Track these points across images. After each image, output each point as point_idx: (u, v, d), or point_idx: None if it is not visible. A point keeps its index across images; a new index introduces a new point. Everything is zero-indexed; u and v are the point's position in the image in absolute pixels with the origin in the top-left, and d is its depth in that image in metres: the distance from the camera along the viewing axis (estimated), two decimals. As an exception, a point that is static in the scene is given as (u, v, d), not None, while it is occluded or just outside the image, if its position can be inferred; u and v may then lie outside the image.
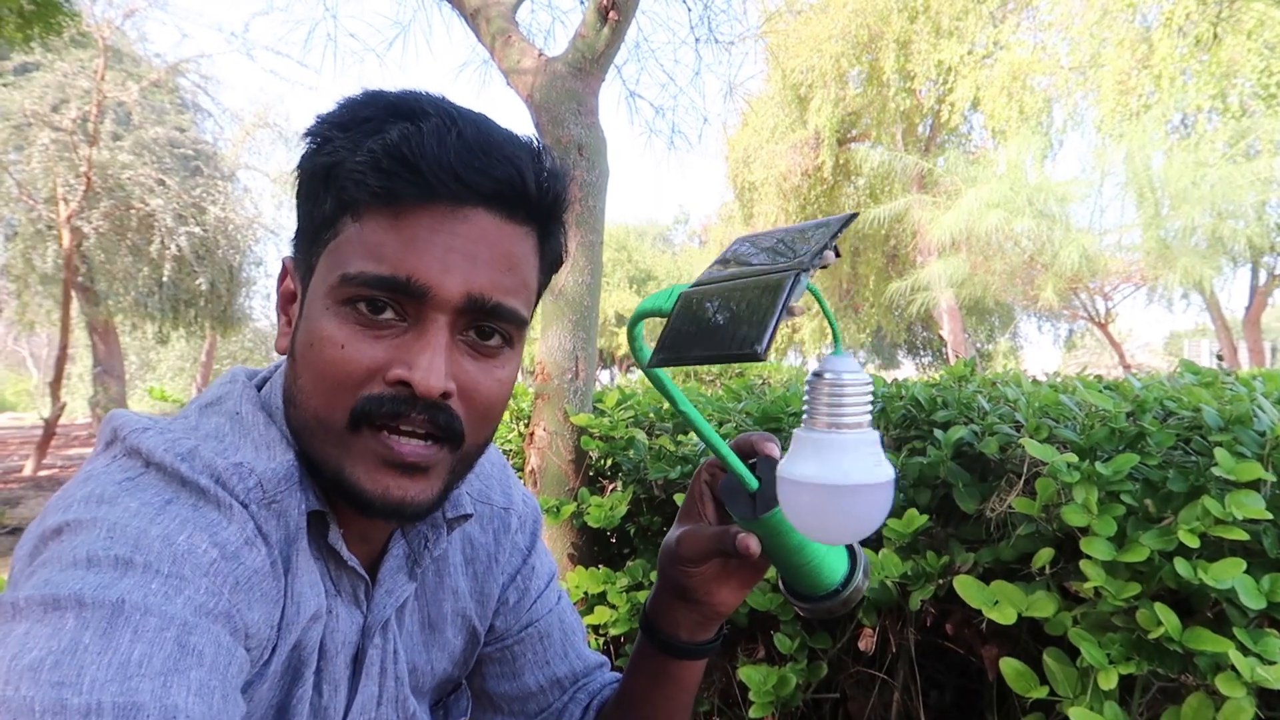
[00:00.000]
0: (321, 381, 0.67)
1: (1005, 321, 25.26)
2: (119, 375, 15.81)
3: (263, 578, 0.65)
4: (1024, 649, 1.54)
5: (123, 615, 0.53)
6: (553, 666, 0.97)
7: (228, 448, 0.69)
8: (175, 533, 0.60)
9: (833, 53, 17.75)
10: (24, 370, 42.19)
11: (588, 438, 2.33)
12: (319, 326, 0.67)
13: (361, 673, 0.78)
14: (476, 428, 0.71)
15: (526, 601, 0.97)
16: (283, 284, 0.77)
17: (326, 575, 0.75)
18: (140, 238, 14.07)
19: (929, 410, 1.75)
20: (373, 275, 0.65)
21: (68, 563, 0.56)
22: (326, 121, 0.69)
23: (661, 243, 42.91)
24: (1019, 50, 16.52)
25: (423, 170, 0.64)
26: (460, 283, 0.66)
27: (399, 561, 0.81)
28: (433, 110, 0.67)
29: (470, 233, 0.66)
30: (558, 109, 2.49)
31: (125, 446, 0.67)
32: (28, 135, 12.59)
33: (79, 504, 0.61)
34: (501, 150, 0.67)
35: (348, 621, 0.76)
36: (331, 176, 0.67)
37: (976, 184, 15.61)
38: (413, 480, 0.68)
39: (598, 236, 2.48)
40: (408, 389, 0.65)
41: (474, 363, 0.70)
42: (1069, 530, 1.38)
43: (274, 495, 0.68)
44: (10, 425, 25.54)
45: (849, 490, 0.60)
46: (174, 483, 0.64)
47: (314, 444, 0.69)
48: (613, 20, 2.49)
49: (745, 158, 20.54)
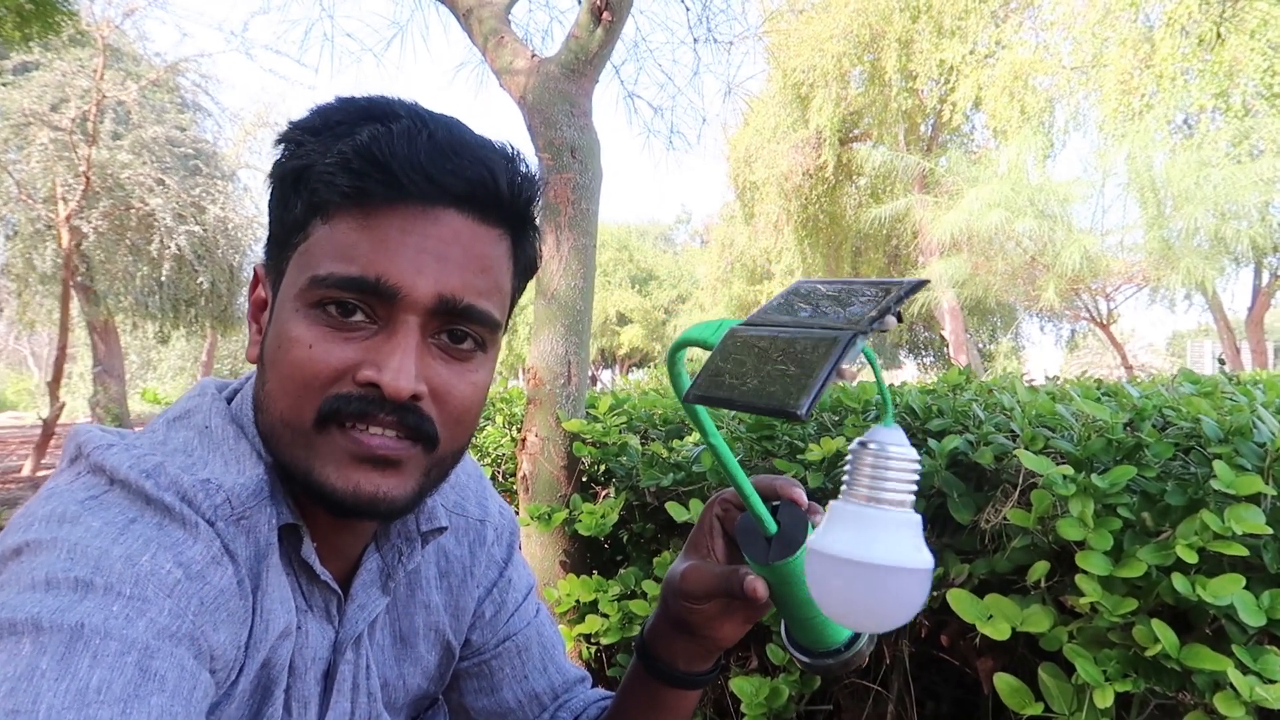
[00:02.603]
0: (289, 383, 0.66)
1: (1007, 322, 25.24)
2: (119, 375, 15.82)
3: (229, 597, 0.63)
4: (1020, 661, 1.52)
5: (81, 639, 0.51)
6: (531, 681, 0.95)
7: (196, 463, 0.68)
8: (138, 553, 0.58)
9: (834, 52, 17.71)
10: (25, 369, 42.24)
11: (580, 444, 2.30)
12: (287, 329, 0.66)
13: (333, 689, 0.76)
14: (451, 432, 0.70)
15: (504, 615, 0.95)
16: (254, 292, 0.75)
17: (298, 590, 0.73)
18: (140, 237, 14.07)
19: (924, 418, 1.73)
20: (342, 276, 0.64)
21: (26, 585, 0.54)
22: (298, 127, 0.69)
23: (663, 242, 42.93)
24: (1021, 50, 16.49)
25: (393, 169, 0.63)
26: (432, 283, 0.65)
27: (372, 575, 0.79)
28: (404, 113, 0.66)
29: (442, 234, 0.65)
30: (550, 110, 2.47)
31: (89, 463, 0.65)
32: (27, 135, 12.59)
33: (40, 523, 0.60)
34: (473, 152, 0.66)
35: (318, 637, 0.75)
36: (302, 179, 0.66)
37: (978, 184, 15.59)
38: (384, 475, 0.67)
39: (591, 239, 2.45)
40: (376, 390, 0.64)
41: (446, 366, 0.68)
42: (1065, 543, 1.35)
43: (243, 511, 0.66)
44: (10, 425, 25.56)
45: (882, 571, 0.56)
46: (138, 501, 0.62)
47: (282, 447, 0.68)
48: (606, 21, 2.46)
49: (747, 157, 20.52)
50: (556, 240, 2.41)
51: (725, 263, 23.99)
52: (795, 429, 1.93)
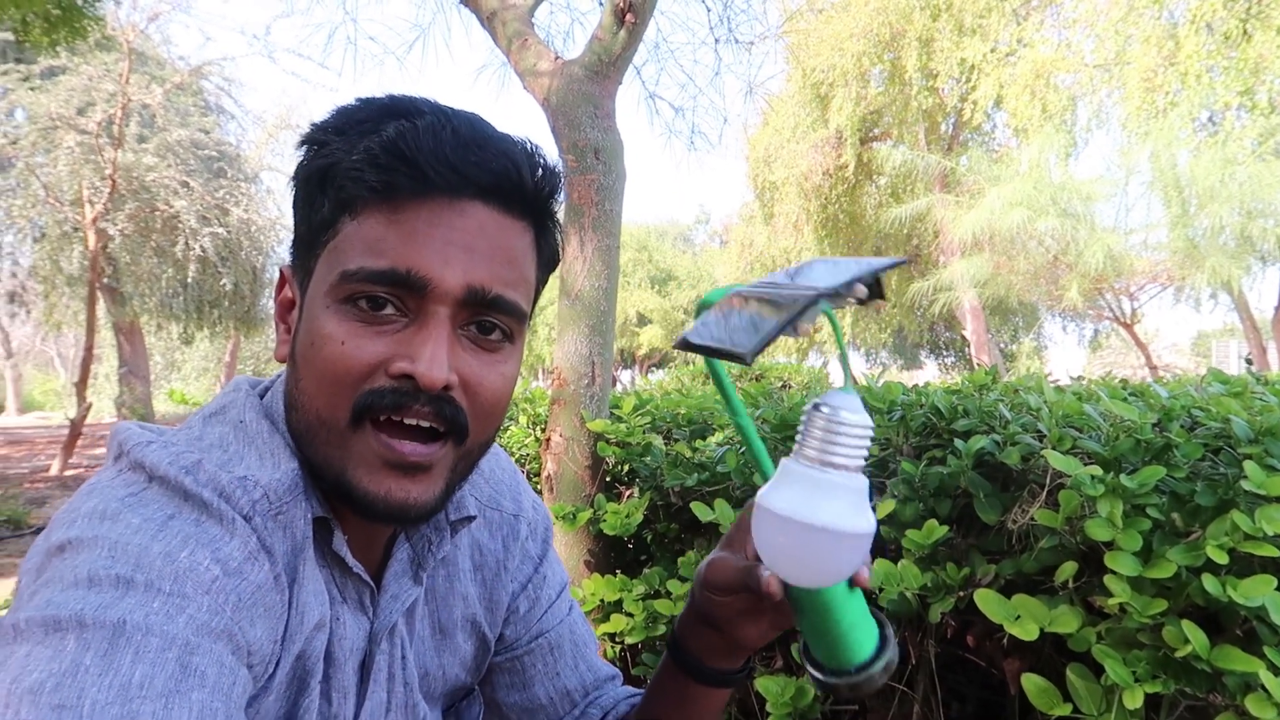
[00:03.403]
0: (323, 380, 0.67)
1: (1029, 322, 25.02)
2: (144, 375, 15.98)
3: (265, 593, 0.64)
4: (1047, 662, 1.51)
5: (124, 636, 0.52)
6: (563, 678, 0.96)
7: (232, 458, 0.69)
8: (177, 550, 0.59)
9: (854, 51, 17.63)
10: (52, 370, 42.73)
11: (604, 443, 2.31)
12: (319, 325, 0.67)
13: (369, 679, 0.78)
14: (480, 423, 0.71)
15: (537, 611, 0.96)
16: (280, 293, 0.77)
17: (331, 582, 0.74)
18: (165, 239, 14.22)
19: (949, 419, 1.72)
20: (373, 270, 0.65)
21: (69, 582, 0.56)
22: (322, 128, 0.70)
23: (682, 243, 42.89)
24: (1043, 48, 16.35)
25: (419, 163, 0.64)
26: (460, 275, 0.66)
27: (403, 566, 0.81)
28: (427, 109, 0.68)
29: (468, 225, 0.66)
30: (574, 112, 2.48)
31: (130, 460, 0.67)
32: (54, 138, 12.75)
33: (82, 520, 0.61)
34: (496, 145, 0.68)
35: (354, 628, 0.76)
36: (329, 178, 0.67)
37: (999, 183, 15.48)
38: (414, 481, 0.68)
39: (614, 240, 2.46)
40: (411, 382, 0.65)
41: (475, 358, 0.69)
42: (1093, 544, 1.35)
43: (280, 506, 0.68)
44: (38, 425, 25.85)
45: (823, 533, 0.58)
46: (177, 497, 0.64)
47: (316, 447, 0.69)
48: (629, 23, 2.47)
49: (766, 157, 20.46)
50: (580, 241, 2.42)
51: (745, 263, 23.92)
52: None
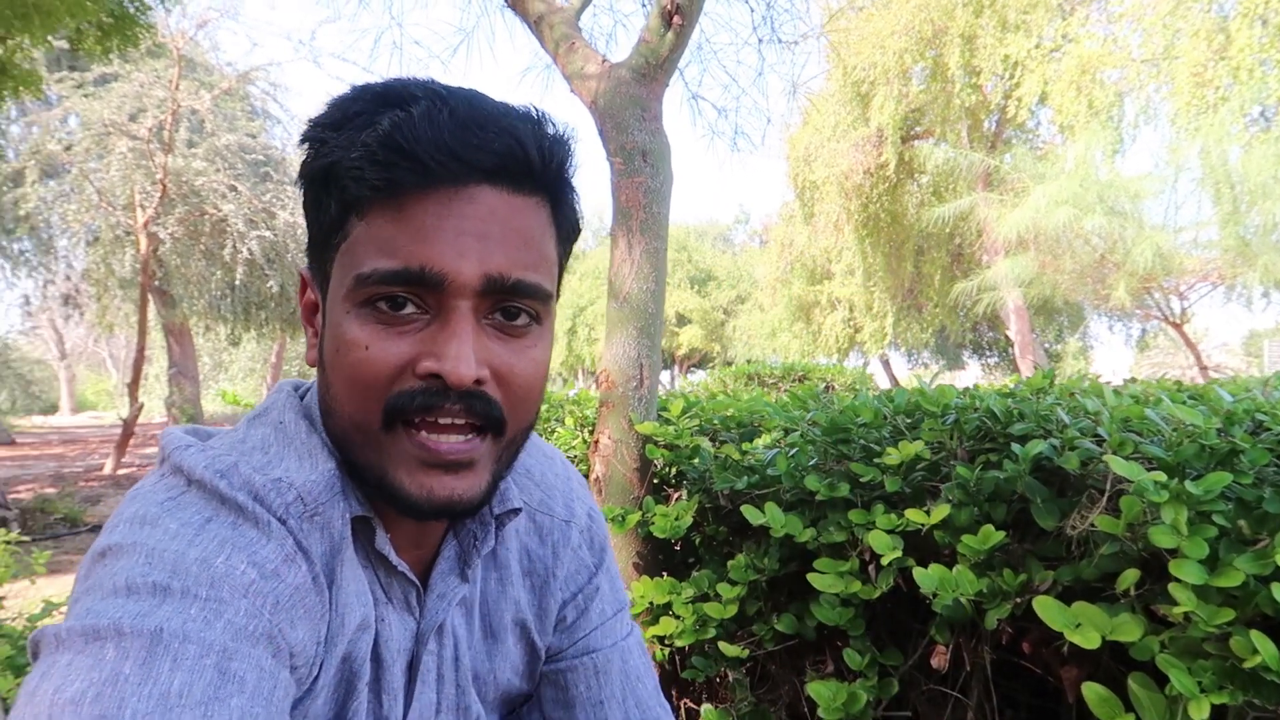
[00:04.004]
0: (352, 386, 0.66)
1: (1075, 321, 24.62)
2: (193, 376, 16.30)
3: (304, 594, 0.65)
4: (1106, 671, 1.49)
5: (161, 644, 0.53)
6: (606, 709, 0.88)
7: (271, 460, 0.69)
8: (213, 555, 0.60)
9: (896, 49, 17.47)
10: (104, 371, 43.69)
11: (652, 446, 2.32)
12: (341, 332, 0.66)
13: (417, 680, 0.77)
14: (516, 412, 0.70)
15: (585, 625, 0.92)
16: (304, 297, 0.76)
17: (376, 582, 0.74)
18: (213, 242, 14.49)
19: (1005, 422, 1.71)
20: (386, 271, 0.64)
21: (108, 590, 0.57)
22: (319, 124, 0.68)
23: (722, 242, 42.80)
24: (1088, 43, 16.08)
25: (419, 155, 0.62)
26: (476, 265, 0.64)
27: (450, 563, 0.79)
28: (421, 93, 0.65)
29: (478, 212, 0.64)
30: (622, 115, 2.49)
31: (170, 465, 0.68)
32: (107, 144, 13.05)
33: (124, 525, 0.62)
34: (498, 123, 0.65)
35: (400, 629, 0.75)
36: (331, 178, 0.66)
37: (1044, 181, 15.24)
38: (458, 477, 0.67)
39: (662, 243, 2.47)
40: (439, 381, 0.64)
41: (504, 345, 0.68)
42: (1156, 551, 1.33)
43: (315, 508, 0.68)
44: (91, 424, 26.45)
45: None
46: (214, 501, 0.64)
47: (354, 451, 0.68)
48: (676, 25, 2.47)
49: (806, 156, 20.34)
50: (628, 244, 2.42)
51: (784, 263, 23.81)
52: (871, 432, 1.91)
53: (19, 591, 3.91)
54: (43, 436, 22.20)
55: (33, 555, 3.11)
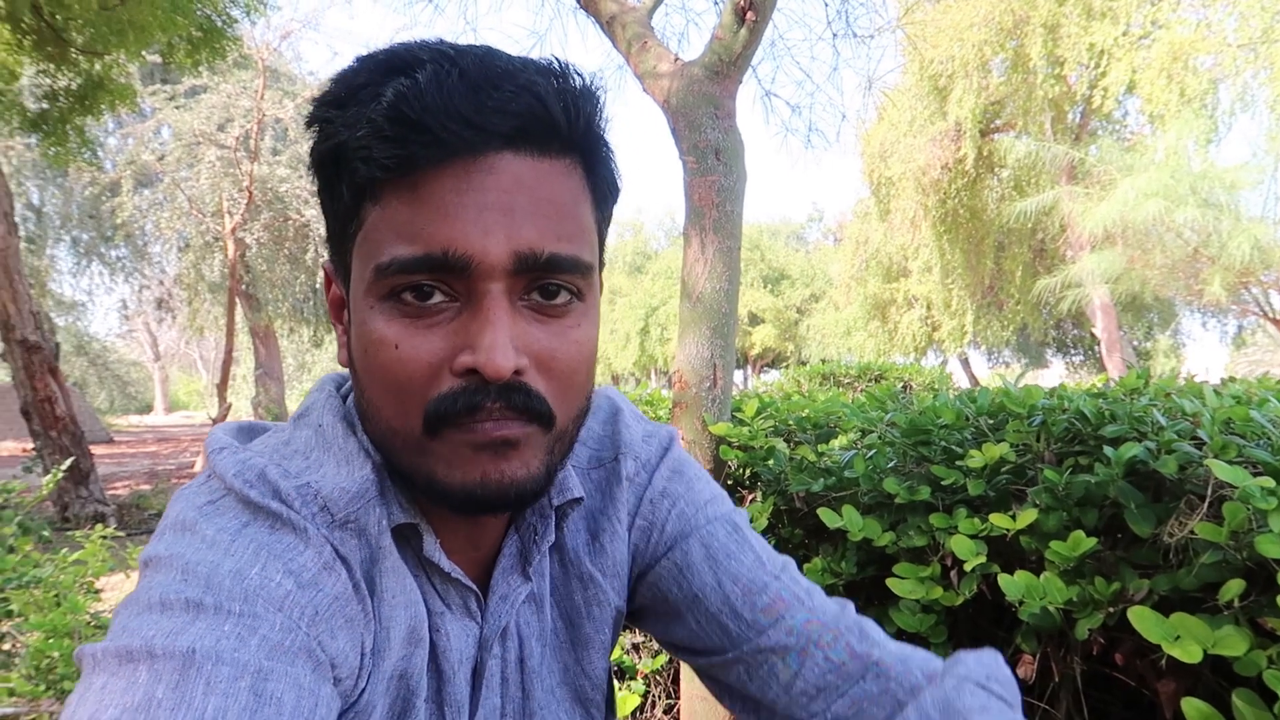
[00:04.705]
0: (386, 390, 0.61)
1: (1165, 318, 23.74)
2: (278, 376, 16.81)
3: (345, 603, 0.62)
4: (1205, 685, 1.42)
5: (194, 666, 0.51)
6: (705, 601, 0.78)
7: (311, 464, 0.66)
8: (247, 566, 0.58)
9: (975, 41, 17.08)
10: (195, 372, 45.40)
11: (726, 447, 2.29)
12: (368, 330, 0.61)
13: (481, 687, 0.73)
14: (563, 400, 0.63)
15: (657, 531, 0.82)
16: (330, 292, 0.71)
17: (431, 591, 0.70)
18: (296, 247, 14.93)
19: (1095, 424, 1.64)
20: (407, 258, 0.58)
21: (143, 605, 0.55)
22: (323, 102, 0.62)
23: (795, 241, 42.43)
24: (1180, 29, 15.48)
25: (429, 126, 0.56)
26: (504, 242, 0.58)
27: (512, 561, 0.74)
28: (428, 57, 0.58)
29: (501, 183, 0.58)
30: (695, 113, 2.47)
31: (210, 466, 0.66)
32: (197, 153, 13.57)
33: (167, 531, 0.61)
34: (514, 80, 0.58)
35: (461, 637, 0.71)
36: (340, 161, 0.60)
37: (1133, 173, 14.74)
38: (507, 460, 0.61)
39: (735, 242, 2.44)
40: (477, 376, 0.59)
41: (544, 328, 0.62)
42: (1262, 561, 1.25)
43: (345, 516, 0.64)
44: (183, 423, 27.50)
45: None
46: (249, 507, 0.62)
47: (398, 455, 0.64)
48: (750, 21, 2.44)
49: (882, 152, 20.04)
50: (701, 243, 2.40)
51: (859, 261, 23.49)
52: (953, 434, 1.86)
53: (115, 584, 4.08)
54: (139, 435, 23.20)
55: (128, 550, 3.24)
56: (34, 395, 7.88)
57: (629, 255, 41.34)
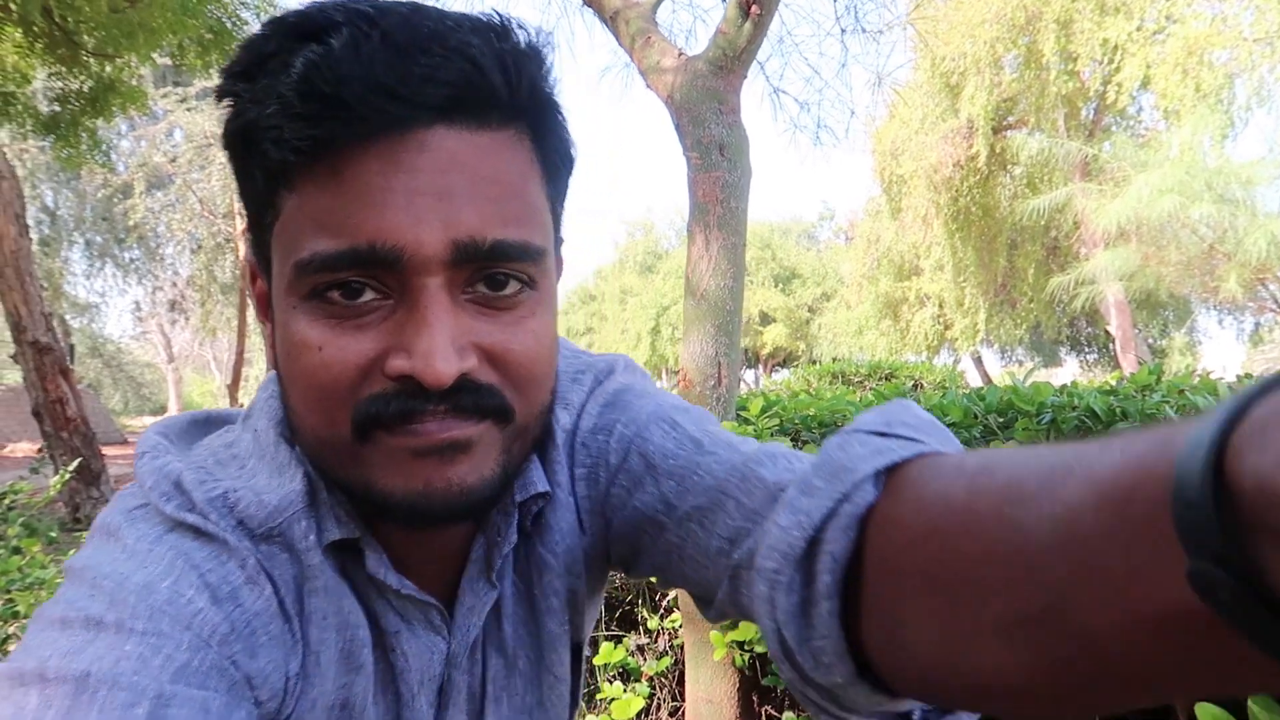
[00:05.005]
0: (310, 396, 0.54)
1: (1181, 315, 23.56)
2: (289, 377, 16.93)
3: (268, 620, 0.57)
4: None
5: (87, 691, 0.46)
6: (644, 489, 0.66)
7: (245, 472, 0.60)
8: (160, 578, 0.53)
9: (987, 37, 17.00)
10: (208, 372, 45.66)
11: (731, 446, 2.26)
12: (291, 332, 0.54)
13: (448, 705, 0.67)
14: (522, 396, 0.56)
15: (602, 471, 0.70)
16: (255, 286, 0.62)
17: (387, 608, 0.63)
18: (307, 248, 15.02)
19: (1106, 421, 1.60)
20: (329, 254, 0.50)
21: (46, 622, 0.51)
22: (230, 73, 0.53)
23: (806, 240, 42.32)
24: (1195, 23, 15.37)
25: (346, 99, 0.48)
26: (440, 231, 0.50)
27: (480, 568, 0.67)
28: (343, 18, 0.50)
29: (434, 162, 0.50)
30: (699, 108, 2.44)
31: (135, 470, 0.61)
32: (208, 155, 13.63)
33: (95, 535, 0.58)
34: (444, 42, 0.50)
35: (423, 656, 0.65)
36: (250, 143, 0.52)
37: (1147, 169, 14.65)
38: (455, 464, 0.54)
39: (740, 238, 2.41)
40: (413, 382, 0.51)
41: (493, 322, 0.54)
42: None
43: (269, 529, 0.58)
44: (196, 424, 27.63)
45: None
46: (165, 518, 0.57)
47: (330, 466, 0.57)
48: (754, 15, 2.41)
49: (893, 150, 19.98)
50: (705, 240, 2.38)
51: (871, 259, 23.42)
52: (961, 432, 1.82)
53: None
54: (152, 436, 23.29)
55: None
56: (45, 396, 7.92)
57: (640, 255, 41.36)
